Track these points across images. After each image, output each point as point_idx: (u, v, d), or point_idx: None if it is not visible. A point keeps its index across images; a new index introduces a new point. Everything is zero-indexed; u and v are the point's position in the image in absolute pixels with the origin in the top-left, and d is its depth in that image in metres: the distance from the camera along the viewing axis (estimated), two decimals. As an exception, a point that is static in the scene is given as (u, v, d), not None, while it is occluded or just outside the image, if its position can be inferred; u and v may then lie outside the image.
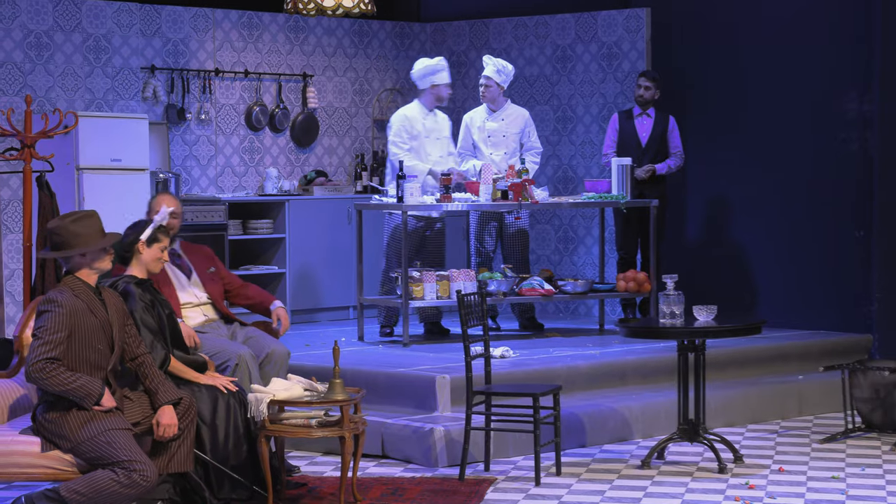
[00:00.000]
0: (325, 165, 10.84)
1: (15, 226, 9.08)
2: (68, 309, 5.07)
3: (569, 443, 6.98)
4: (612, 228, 9.71)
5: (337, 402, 5.65)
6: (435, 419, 6.87)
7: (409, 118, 8.68)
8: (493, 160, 8.88)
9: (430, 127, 8.72)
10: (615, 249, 9.65)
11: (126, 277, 5.71)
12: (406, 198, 8.23)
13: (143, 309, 5.63)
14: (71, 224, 5.18)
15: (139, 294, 5.65)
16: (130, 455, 4.98)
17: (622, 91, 10.21)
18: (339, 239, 10.18)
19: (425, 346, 8.28)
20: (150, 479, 4.98)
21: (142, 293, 5.67)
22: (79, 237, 5.16)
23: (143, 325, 5.60)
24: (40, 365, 4.99)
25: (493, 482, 6.28)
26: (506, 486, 6.22)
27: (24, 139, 7.29)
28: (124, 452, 4.98)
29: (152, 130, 9.41)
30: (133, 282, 5.70)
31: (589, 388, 7.57)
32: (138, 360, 5.36)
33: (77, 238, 5.16)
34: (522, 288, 8.57)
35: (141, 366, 5.35)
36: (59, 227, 5.18)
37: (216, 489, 5.71)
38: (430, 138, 8.70)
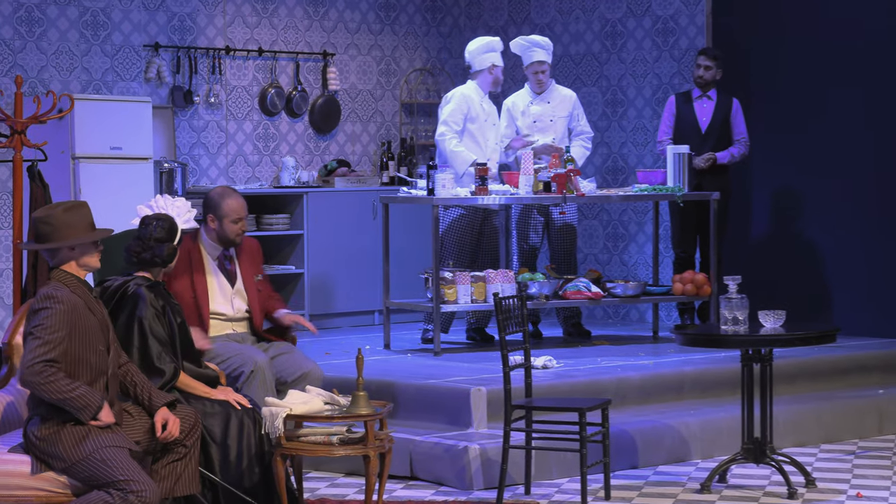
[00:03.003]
0: (347, 154, 10.84)
1: (4, 221, 9.12)
2: (67, 306, 5.07)
3: (619, 463, 6.95)
4: (667, 224, 9.67)
5: (361, 417, 5.63)
6: (469, 436, 6.85)
7: (468, 97, 8.68)
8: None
9: (488, 110, 8.74)
10: (671, 248, 9.60)
11: (138, 279, 5.70)
12: (437, 190, 8.21)
13: (153, 316, 5.61)
14: (63, 213, 5.18)
15: (150, 299, 5.64)
16: (127, 474, 4.98)
17: (679, 71, 10.16)
18: (362, 236, 10.18)
19: (459, 355, 8.26)
20: (148, 501, 4.97)
21: (153, 298, 5.66)
22: (70, 229, 5.16)
23: (151, 333, 5.59)
24: (38, 367, 4.99)
25: (534, 507, 6.26)
26: (549, 512, 6.20)
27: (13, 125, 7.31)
28: (121, 472, 4.98)
29: (156, 115, 9.43)
30: (145, 284, 5.69)
31: (641, 403, 7.54)
32: (122, 368, 5.36)
33: (68, 229, 5.16)
34: (567, 290, 8.54)
35: (126, 374, 5.35)
36: (49, 217, 5.18)
37: (226, 513, 5.70)
38: (487, 122, 8.71)
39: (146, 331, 5.59)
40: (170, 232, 5.75)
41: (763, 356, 6.60)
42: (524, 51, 8.95)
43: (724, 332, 6.49)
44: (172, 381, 5.63)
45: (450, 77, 11.15)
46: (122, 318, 5.62)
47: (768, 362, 6.62)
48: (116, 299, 5.65)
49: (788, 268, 9.70)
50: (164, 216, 5.78)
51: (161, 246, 5.71)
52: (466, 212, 8.67)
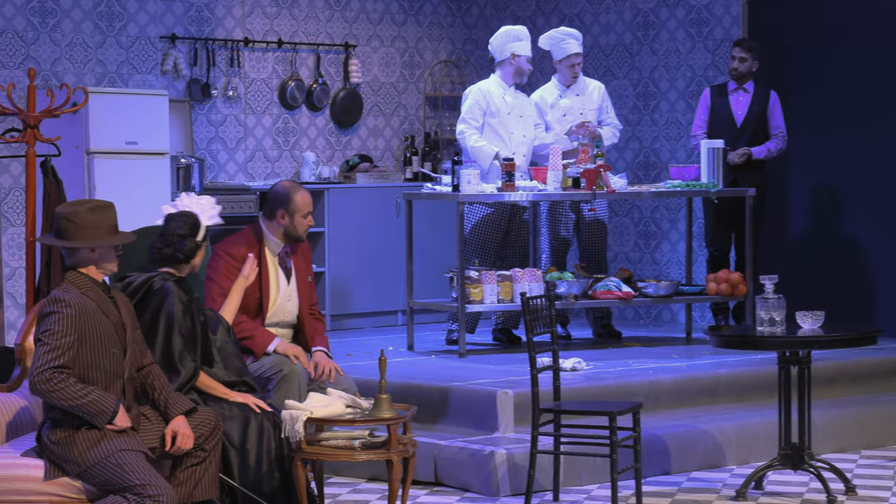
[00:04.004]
0: (369, 149, 10.84)
1: (16, 218, 9.15)
2: (77, 309, 5.08)
3: (651, 469, 6.93)
4: (701, 222, 9.64)
5: (383, 421, 5.63)
6: (496, 441, 6.85)
7: (486, 92, 8.68)
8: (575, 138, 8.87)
9: (513, 103, 8.73)
10: (704, 246, 9.57)
11: (163, 274, 5.74)
12: (462, 186, 8.20)
13: (181, 312, 5.65)
14: (87, 212, 5.19)
15: (178, 294, 5.67)
16: (144, 479, 4.99)
17: (713, 62, 10.12)
18: (385, 233, 10.18)
19: (485, 357, 8.26)
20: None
21: (180, 293, 5.69)
22: (92, 229, 5.17)
23: (178, 331, 5.62)
24: (47, 375, 5.00)
25: (563, 515, 6.25)
26: (578, 520, 6.19)
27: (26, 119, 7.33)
28: (137, 476, 4.99)
29: (173, 109, 9.45)
30: (171, 279, 5.72)
31: (674, 407, 7.52)
32: (144, 370, 5.37)
33: (91, 230, 5.17)
34: (597, 290, 8.52)
35: (147, 376, 5.36)
36: (73, 214, 5.18)
37: (245, 520, 5.71)
38: (512, 115, 8.70)
39: (173, 327, 5.62)
40: (192, 228, 5.79)
41: (801, 358, 6.58)
42: (557, 43, 8.93)
43: (761, 333, 6.47)
44: (192, 381, 5.65)
45: (475, 69, 11.13)
46: (147, 313, 5.65)
47: (806, 365, 6.59)
48: (141, 295, 5.68)
49: (827, 267, 9.65)
50: (187, 213, 5.83)
51: (183, 241, 5.75)
52: (492, 208, 8.66)
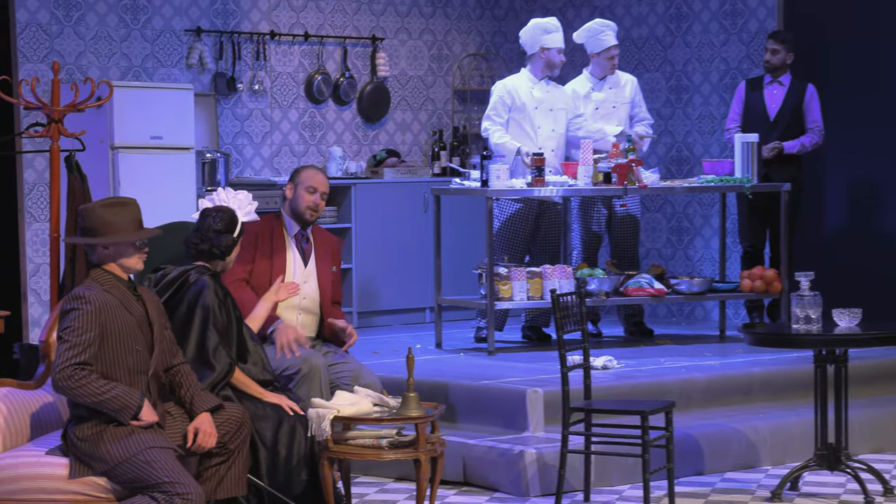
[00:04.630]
0: (397, 144, 10.85)
1: (41, 214, 9.21)
2: (97, 306, 5.10)
3: (683, 469, 6.92)
4: (734, 217, 9.61)
5: (411, 420, 5.64)
6: (525, 440, 6.85)
7: (511, 88, 8.68)
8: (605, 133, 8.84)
9: (541, 97, 8.71)
10: (738, 242, 9.55)
11: (199, 268, 5.77)
12: (491, 181, 8.21)
13: (217, 305, 5.68)
14: (101, 209, 5.22)
15: (214, 288, 5.70)
16: (172, 476, 5.01)
17: (748, 55, 10.09)
18: (413, 229, 10.19)
19: (514, 355, 8.26)
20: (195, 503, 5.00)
21: (216, 287, 5.72)
22: (109, 226, 5.19)
23: (213, 325, 5.64)
24: (68, 372, 5.03)
25: (594, 515, 6.25)
26: (609, 521, 6.19)
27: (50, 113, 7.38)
28: (165, 473, 5.01)
29: (198, 103, 9.48)
30: (207, 273, 5.75)
31: (707, 406, 7.51)
32: (174, 369, 5.40)
33: (107, 227, 5.19)
34: (628, 287, 8.51)
35: (176, 374, 5.38)
36: (88, 211, 5.22)
37: (271, 520, 5.73)
38: (539, 109, 8.69)
39: (208, 320, 5.64)
40: (229, 224, 5.82)
41: (837, 357, 6.55)
42: (595, 36, 8.91)
43: (796, 331, 6.44)
44: (227, 378, 5.67)
45: (504, 62, 11.13)
46: (182, 306, 5.68)
47: (843, 363, 6.57)
48: (175, 287, 5.71)
49: (864, 263, 9.61)
50: (224, 208, 5.86)
51: (220, 237, 5.78)
52: (521, 204, 8.66)
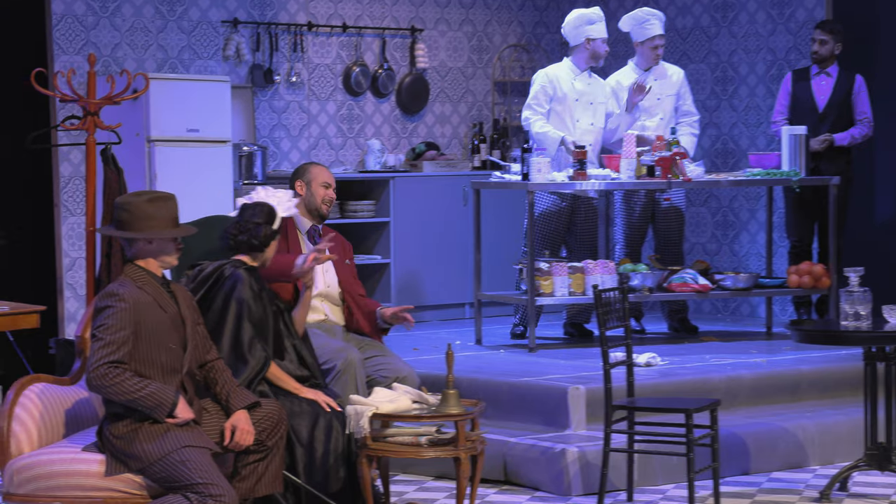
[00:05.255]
0: (436, 136, 10.85)
1: (76, 207, 9.27)
2: (132, 303, 5.13)
3: (729, 469, 6.90)
4: (781, 211, 9.56)
5: (451, 417, 5.64)
6: (567, 438, 6.84)
7: (553, 77, 8.67)
8: (645, 127, 8.82)
9: (582, 89, 8.69)
10: (785, 237, 9.50)
11: (234, 262, 5.81)
12: (532, 174, 8.19)
13: (251, 298, 5.71)
14: (145, 203, 5.24)
15: (249, 281, 5.73)
16: (207, 477, 5.03)
17: (795, 45, 10.03)
18: (452, 223, 10.19)
19: (556, 352, 8.25)
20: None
21: (252, 280, 5.76)
22: (149, 220, 5.22)
23: (247, 317, 5.67)
24: (102, 370, 5.06)
25: (637, 515, 6.24)
26: (653, 521, 6.18)
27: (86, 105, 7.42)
28: (199, 474, 5.03)
29: (235, 95, 9.52)
30: (242, 267, 5.79)
31: (754, 404, 7.48)
32: (208, 365, 5.42)
33: (148, 221, 5.22)
34: (672, 283, 8.48)
35: (211, 371, 5.41)
36: (129, 204, 5.24)
37: (309, 518, 5.75)
38: (580, 102, 8.67)
39: (243, 314, 5.67)
40: (268, 216, 5.88)
41: (888, 354, 6.51)
42: (640, 24, 8.88)
43: (845, 328, 6.41)
44: (262, 371, 5.69)
45: (546, 53, 11.11)
46: (217, 300, 5.71)
47: (894, 361, 6.52)
48: (211, 282, 5.74)
49: (915, 259, 9.55)
50: (263, 203, 5.91)
51: (258, 227, 5.83)
52: (554, 197, 8.63)
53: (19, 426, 5.27)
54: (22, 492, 5.22)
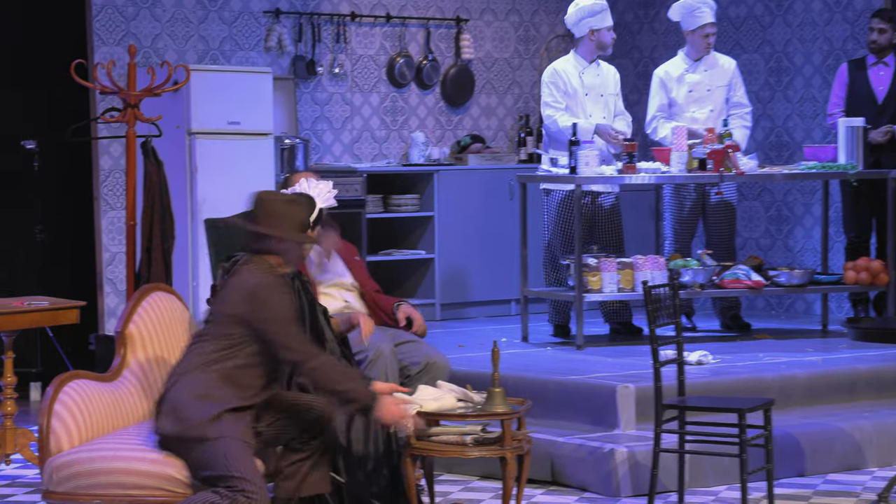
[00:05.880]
0: (481, 129, 10.84)
1: (116, 201, 9.32)
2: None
3: (783, 471, 6.86)
4: (838, 206, 9.50)
5: (497, 416, 5.64)
6: (616, 438, 6.83)
7: (561, 72, 8.64)
8: (695, 119, 8.78)
9: (591, 83, 8.64)
10: (842, 232, 9.44)
11: None
12: (580, 168, 8.17)
13: None
14: (285, 203, 5.34)
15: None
16: (242, 472, 5.06)
17: (852, 34, 9.95)
18: (498, 218, 10.18)
19: (604, 349, 8.23)
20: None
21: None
22: (277, 219, 5.29)
23: None
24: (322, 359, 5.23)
25: (688, 517, 6.21)
26: (704, 523, 6.15)
27: (127, 98, 7.46)
28: (236, 468, 5.06)
29: (277, 87, 9.55)
30: None
31: (809, 404, 7.45)
32: None
33: (276, 219, 5.29)
34: (724, 279, 8.44)
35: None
36: (269, 202, 5.32)
37: (351, 519, 5.76)
38: (590, 96, 8.63)
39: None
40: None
41: (948, 353, 6.46)
42: (690, 12, 8.83)
43: (904, 325, 6.36)
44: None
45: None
46: None
47: (954, 360, 6.47)
48: None
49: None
50: (302, 194, 5.91)
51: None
52: (564, 193, 8.56)
53: (59, 423, 5.31)
54: (62, 490, 5.26)
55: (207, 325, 5.31)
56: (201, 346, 5.26)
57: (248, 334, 5.21)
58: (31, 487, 6.79)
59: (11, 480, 6.96)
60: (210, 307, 5.37)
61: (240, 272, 5.30)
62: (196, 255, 8.84)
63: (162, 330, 5.80)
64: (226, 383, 5.19)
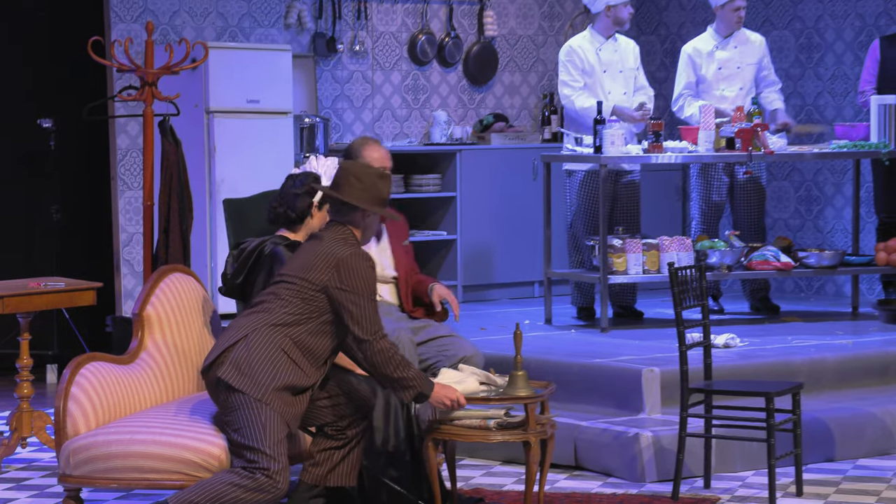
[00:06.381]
0: (505, 107, 10.83)
1: (133, 181, 9.35)
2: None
3: (812, 456, 6.85)
4: (869, 185, 9.47)
5: (520, 400, 5.64)
6: (641, 422, 6.83)
7: (577, 50, 8.62)
8: (723, 97, 8.75)
9: (608, 59, 8.63)
10: (874, 212, 9.41)
11: (275, 238, 5.83)
12: (606, 147, 8.15)
13: None
14: (377, 178, 5.35)
15: (288, 258, 5.75)
16: (272, 450, 5.08)
17: (885, 10, 9.91)
18: (521, 198, 10.17)
19: (629, 332, 8.23)
20: (278, 487, 5.06)
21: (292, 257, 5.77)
22: (372, 192, 5.31)
23: None
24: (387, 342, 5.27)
25: (715, 502, 6.20)
26: (731, 509, 6.15)
27: (144, 75, 7.48)
28: (270, 445, 5.08)
29: (296, 65, 9.55)
30: (283, 244, 5.81)
31: (838, 388, 7.44)
32: None
33: (370, 193, 5.32)
34: (752, 260, 8.43)
35: None
36: (364, 174, 5.35)
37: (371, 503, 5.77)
38: (608, 73, 8.61)
39: None
40: (310, 188, 5.86)
41: (981, 336, 6.44)
42: None
43: (936, 308, 6.35)
44: None
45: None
46: (259, 278, 5.73)
47: None
48: (253, 259, 5.77)
49: None
50: (308, 173, 5.92)
51: (297, 199, 5.84)
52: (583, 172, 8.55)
53: (76, 406, 5.34)
54: (78, 473, 5.29)
55: (278, 286, 5.31)
56: (271, 305, 5.26)
57: (326, 302, 5.23)
58: (47, 471, 6.83)
59: (27, 464, 7.00)
60: (287, 268, 5.37)
61: (323, 239, 5.32)
62: (214, 236, 8.86)
63: (180, 312, 5.82)
64: (296, 348, 5.23)
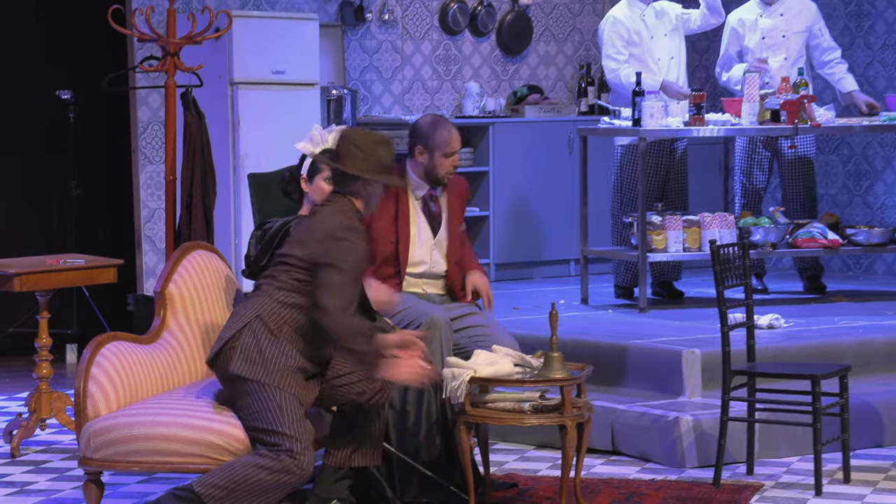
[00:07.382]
0: (539, 79, 10.81)
1: (155, 155, 9.37)
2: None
3: (860, 441, 6.84)
4: (921, 160, 9.42)
5: (556, 382, 5.64)
6: (681, 406, 6.83)
7: (620, 20, 8.60)
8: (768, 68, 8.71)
9: (653, 24, 8.62)
10: (925, 188, 9.37)
11: (299, 218, 5.84)
12: (645, 120, 8.13)
13: None
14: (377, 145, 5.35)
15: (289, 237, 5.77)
16: (293, 431, 5.10)
17: (938, -24, 9.84)
18: (557, 173, 10.16)
19: (669, 312, 8.22)
20: (303, 468, 5.08)
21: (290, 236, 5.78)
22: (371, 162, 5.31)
23: None
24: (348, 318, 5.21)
25: (758, 489, 6.20)
26: (775, 495, 6.13)
27: (166, 45, 7.49)
28: (289, 425, 5.10)
29: (323, 35, 9.55)
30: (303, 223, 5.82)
31: (888, 371, 7.41)
32: None
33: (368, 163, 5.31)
34: (798, 238, 8.40)
35: None
36: (362, 142, 5.34)
37: (401, 489, 5.79)
38: (655, 38, 8.59)
39: None
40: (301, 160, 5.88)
41: None
42: None
43: None
44: None
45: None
46: None
47: None
48: (277, 241, 5.78)
49: None
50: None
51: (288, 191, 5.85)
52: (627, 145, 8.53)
53: (96, 387, 5.36)
54: (98, 456, 5.31)
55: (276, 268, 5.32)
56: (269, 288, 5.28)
57: None
58: (67, 454, 6.87)
59: (47, 446, 7.04)
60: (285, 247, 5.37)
61: (318, 213, 5.32)
62: (238, 212, 8.88)
63: (203, 290, 5.84)
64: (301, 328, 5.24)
